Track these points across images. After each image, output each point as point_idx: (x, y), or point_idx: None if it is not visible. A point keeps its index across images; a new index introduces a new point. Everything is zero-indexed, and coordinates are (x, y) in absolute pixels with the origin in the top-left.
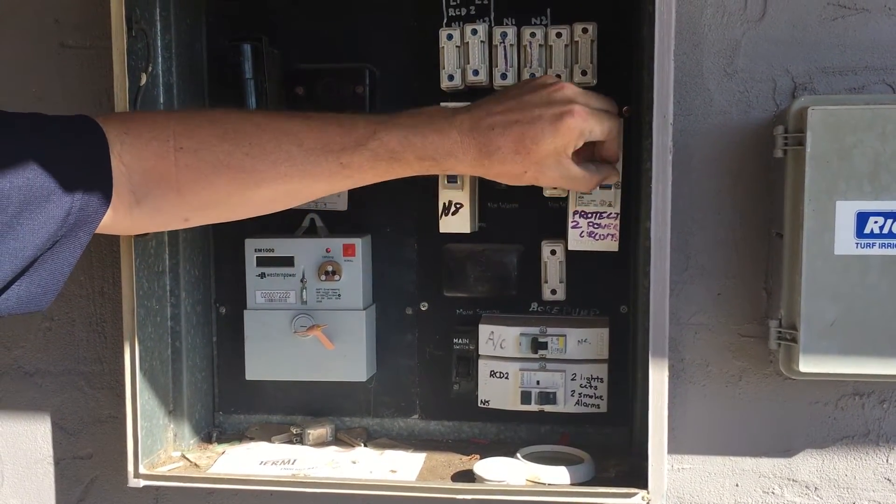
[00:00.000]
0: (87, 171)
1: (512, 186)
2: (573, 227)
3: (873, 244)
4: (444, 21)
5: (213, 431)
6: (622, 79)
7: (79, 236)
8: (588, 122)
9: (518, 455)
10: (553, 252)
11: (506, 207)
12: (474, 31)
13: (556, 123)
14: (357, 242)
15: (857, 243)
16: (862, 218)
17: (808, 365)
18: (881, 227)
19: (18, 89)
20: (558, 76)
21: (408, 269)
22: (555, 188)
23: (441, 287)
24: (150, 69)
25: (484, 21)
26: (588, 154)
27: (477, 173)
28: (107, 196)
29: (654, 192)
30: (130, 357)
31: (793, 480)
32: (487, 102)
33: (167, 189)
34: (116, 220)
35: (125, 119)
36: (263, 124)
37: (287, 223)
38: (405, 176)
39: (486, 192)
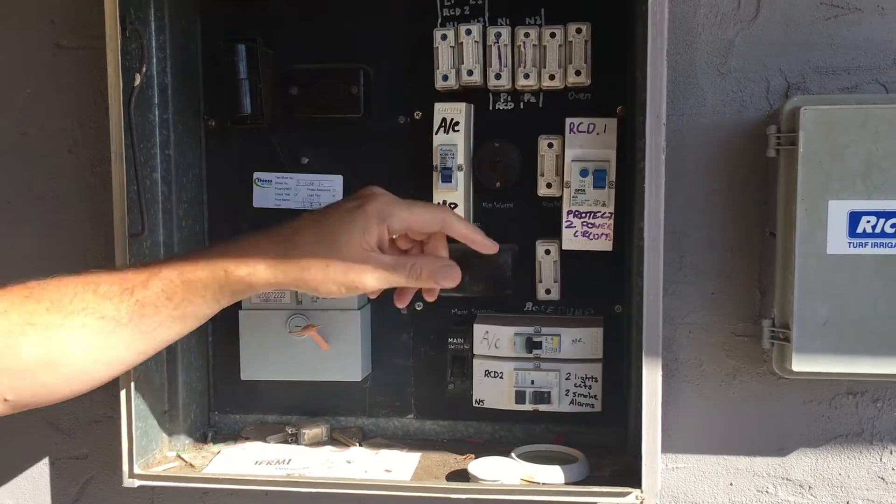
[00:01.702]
0: None
1: (507, 186)
2: (567, 227)
3: (866, 243)
4: (439, 21)
5: (209, 431)
6: (616, 79)
7: None
8: (388, 206)
9: (512, 454)
10: (547, 252)
11: (500, 207)
12: (468, 31)
13: (353, 212)
14: None
15: (850, 242)
16: (854, 217)
17: (801, 364)
18: (873, 227)
19: (14, 90)
20: None
21: None
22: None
23: None
24: (144, 70)
25: (478, 21)
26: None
27: (289, 281)
28: None
29: (647, 192)
30: None
31: (787, 479)
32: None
33: None
34: None
35: None
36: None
37: None
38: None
39: (481, 193)
